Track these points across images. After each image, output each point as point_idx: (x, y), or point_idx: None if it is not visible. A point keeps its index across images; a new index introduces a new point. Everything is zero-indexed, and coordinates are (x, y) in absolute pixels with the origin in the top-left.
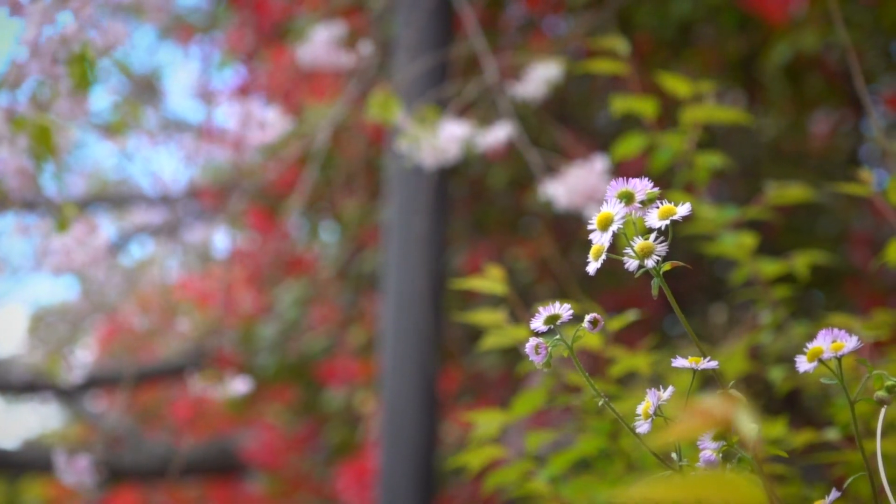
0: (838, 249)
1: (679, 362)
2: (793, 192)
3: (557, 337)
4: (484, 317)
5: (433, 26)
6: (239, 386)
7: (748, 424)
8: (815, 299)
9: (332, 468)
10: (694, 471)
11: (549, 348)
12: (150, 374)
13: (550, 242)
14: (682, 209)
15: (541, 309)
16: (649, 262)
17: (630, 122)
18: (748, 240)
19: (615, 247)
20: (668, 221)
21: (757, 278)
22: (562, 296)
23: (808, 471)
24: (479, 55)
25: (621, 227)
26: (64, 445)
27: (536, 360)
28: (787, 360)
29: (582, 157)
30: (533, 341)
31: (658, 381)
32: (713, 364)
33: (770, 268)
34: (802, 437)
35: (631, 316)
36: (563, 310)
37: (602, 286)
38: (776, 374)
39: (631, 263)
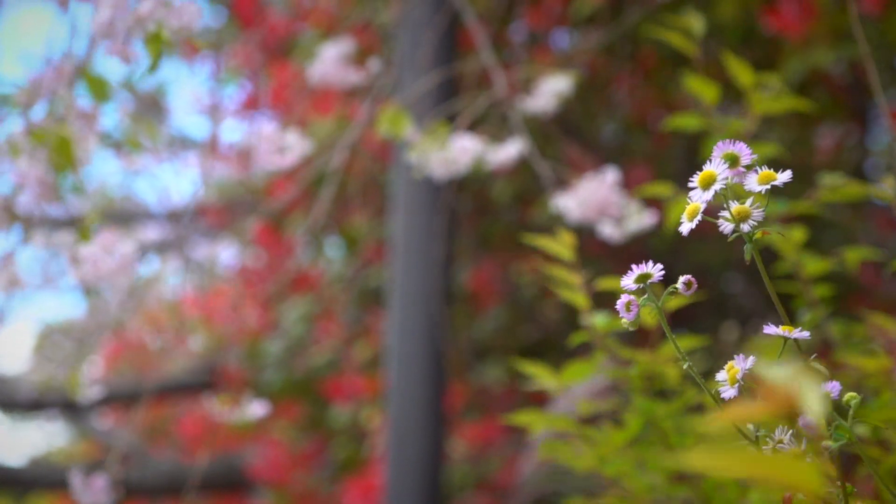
0: (878, 252)
1: (770, 329)
2: (849, 188)
3: (647, 296)
4: (558, 272)
5: (440, 45)
6: (256, 409)
7: (817, 406)
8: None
9: (339, 484)
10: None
11: (641, 305)
12: (156, 390)
13: None
14: (784, 176)
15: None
16: (745, 227)
17: (637, 136)
18: (797, 233)
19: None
20: (768, 186)
21: (797, 278)
22: (569, 309)
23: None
24: (488, 70)
25: (724, 187)
26: (71, 463)
27: (627, 317)
28: None
29: (587, 170)
30: (624, 298)
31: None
32: (805, 334)
33: (813, 266)
34: None
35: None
36: (655, 269)
37: (612, 300)
38: None
39: (726, 226)
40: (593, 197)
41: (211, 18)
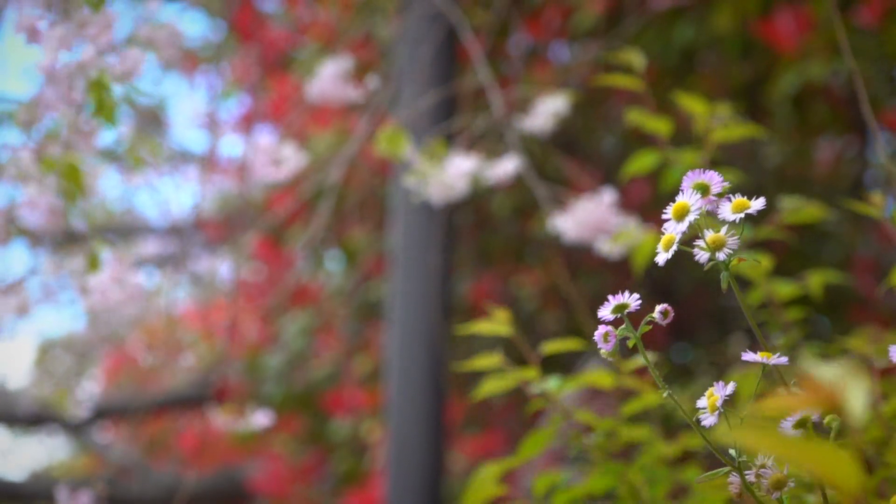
0: (843, 275)
1: (748, 356)
2: (807, 211)
3: (624, 326)
4: (482, 361)
5: (439, 59)
6: (260, 419)
7: (859, 403)
8: (821, 324)
9: (339, 497)
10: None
11: (618, 336)
12: (156, 405)
13: (561, 267)
14: (757, 203)
15: (609, 298)
16: (720, 255)
17: (635, 148)
18: (764, 260)
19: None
20: (741, 215)
21: (770, 301)
22: (569, 322)
23: None
24: (485, 88)
25: (697, 218)
26: (71, 477)
27: (605, 347)
28: None
29: (586, 186)
30: (602, 329)
31: (670, 413)
32: (783, 360)
33: (784, 289)
34: None
35: (641, 360)
36: (632, 299)
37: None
38: None
39: (701, 255)
40: (590, 217)
41: (211, 32)
